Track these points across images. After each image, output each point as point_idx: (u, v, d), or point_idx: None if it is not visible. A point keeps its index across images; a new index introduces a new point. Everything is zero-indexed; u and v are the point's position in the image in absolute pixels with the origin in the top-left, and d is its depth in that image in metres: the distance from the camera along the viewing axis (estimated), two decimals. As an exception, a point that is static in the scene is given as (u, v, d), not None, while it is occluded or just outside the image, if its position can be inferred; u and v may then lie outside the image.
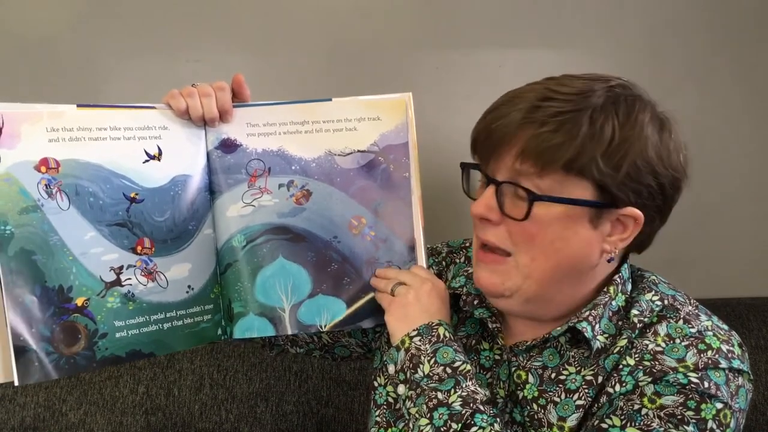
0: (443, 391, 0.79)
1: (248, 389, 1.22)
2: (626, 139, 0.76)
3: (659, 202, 0.80)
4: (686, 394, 0.74)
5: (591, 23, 1.28)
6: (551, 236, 0.78)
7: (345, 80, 1.27)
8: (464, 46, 1.28)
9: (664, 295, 0.83)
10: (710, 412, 0.74)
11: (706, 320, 0.81)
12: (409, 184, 0.92)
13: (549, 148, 0.75)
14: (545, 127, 0.76)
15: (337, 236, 0.91)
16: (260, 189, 0.90)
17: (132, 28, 1.24)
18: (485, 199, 0.80)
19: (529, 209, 0.77)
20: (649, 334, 0.80)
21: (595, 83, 0.79)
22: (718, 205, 1.32)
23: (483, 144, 0.80)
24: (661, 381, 0.75)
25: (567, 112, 0.76)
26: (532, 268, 0.80)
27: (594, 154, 0.75)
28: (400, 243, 0.92)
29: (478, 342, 0.89)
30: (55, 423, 1.19)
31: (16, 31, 1.23)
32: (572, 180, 0.76)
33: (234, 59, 1.26)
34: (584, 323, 0.81)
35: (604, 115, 0.76)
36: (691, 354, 0.76)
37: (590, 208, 0.78)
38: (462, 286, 0.92)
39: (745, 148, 1.33)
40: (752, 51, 1.30)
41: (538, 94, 0.78)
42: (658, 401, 0.75)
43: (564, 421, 0.80)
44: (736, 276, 1.34)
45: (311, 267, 0.91)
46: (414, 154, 0.91)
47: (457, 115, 1.28)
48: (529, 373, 0.84)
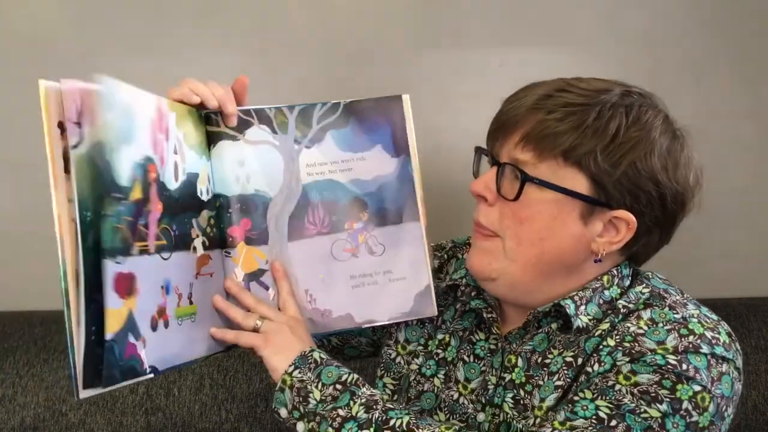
0: (342, 407, 0.77)
1: (248, 389, 1.22)
2: (630, 138, 0.77)
3: (658, 213, 0.80)
4: (662, 374, 0.74)
5: (591, 23, 1.28)
6: (539, 224, 0.79)
7: (345, 80, 1.27)
8: (464, 46, 1.28)
9: (655, 288, 0.83)
10: (686, 393, 0.73)
11: (693, 309, 0.80)
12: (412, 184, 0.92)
13: (550, 135, 0.77)
14: (552, 114, 0.77)
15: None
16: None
17: (132, 28, 1.24)
18: (485, 178, 0.82)
19: (520, 189, 0.78)
20: (632, 318, 0.80)
21: (615, 86, 0.80)
22: (718, 205, 1.32)
23: (495, 125, 0.83)
24: (638, 361, 0.75)
25: (577, 105, 0.77)
26: (518, 253, 0.81)
27: (594, 147, 0.76)
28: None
29: (473, 333, 0.90)
30: (55, 423, 1.19)
31: (16, 31, 1.23)
32: (569, 170, 0.77)
33: (233, 59, 1.26)
34: (568, 300, 0.81)
35: (613, 112, 0.77)
36: (672, 338, 0.76)
37: (582, 203, 0.78)
38: (462, 278, 0.92)
39: (745, 147, 1.33)
40: (752, 51, 1.30)
41: (555, 86, 0.80)
42: (632, 378, 0.74)
43: (543, 401, 0.80)
44: (736, 276, 1.34)
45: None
46: (414, 154, 0.91)
47: (457, 115, 1.28)
48: (519, 356, 0.84)
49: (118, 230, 0.70)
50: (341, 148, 0.90)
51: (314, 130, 0.90)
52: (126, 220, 0.71)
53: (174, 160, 0.80)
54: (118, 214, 0.69)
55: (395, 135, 0.91)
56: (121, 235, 0.70)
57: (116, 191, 0.69)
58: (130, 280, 0.72)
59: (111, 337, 0.69)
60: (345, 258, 0.91)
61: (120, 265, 0.70)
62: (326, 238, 0.90)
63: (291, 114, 0.90)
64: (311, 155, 0.90)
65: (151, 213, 0.75)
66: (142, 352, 0.73)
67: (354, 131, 0.91)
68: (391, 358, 0.95)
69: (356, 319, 0.91)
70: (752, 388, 1.17)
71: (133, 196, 0.72)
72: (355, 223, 0.91)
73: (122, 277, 0.70)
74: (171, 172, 0.79)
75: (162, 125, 0.78)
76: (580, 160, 0.77)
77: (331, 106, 0.91)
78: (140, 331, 0.73)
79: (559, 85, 0.80)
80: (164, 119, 0.78)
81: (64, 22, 1.24)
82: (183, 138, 0.82)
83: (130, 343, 0.72)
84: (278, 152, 0.90)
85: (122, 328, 0.70)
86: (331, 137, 0.90)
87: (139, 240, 0.73)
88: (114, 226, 0.69)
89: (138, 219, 0.73)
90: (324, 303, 0.90)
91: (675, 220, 0.82)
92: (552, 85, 0.80)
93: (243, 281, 0.89)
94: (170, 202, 0.79)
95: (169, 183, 0.79)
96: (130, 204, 0.71)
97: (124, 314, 0.71)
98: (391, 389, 0.93)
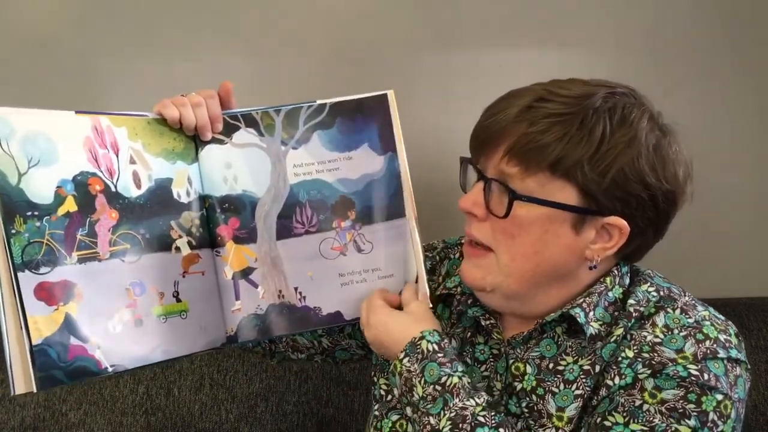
0: (434, 414, 0.78)
1: (248, 389, 1.22)
2: (617, 144, 0.76)
3: (651, 214, 0.79)
4: (686, 387, 0.74)
5: (591, 23, 1.28)
6: (531, 238, 0.79)
7: (344, 81, 1.26)
8: (464, 46, 1.28)
9: (660, 287, 0.83)
10: (711, 404, 0.74)
11: (702, 310, 0.81)
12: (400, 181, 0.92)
13: (535, 149, 0.75)
14: (535, 126, 0.76)
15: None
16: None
17: (131, 28, 1.24)
18: (473, 194, 0.82)
19: (509, 208, 0.78)
20: (647, 326, 0.80)
21: (598, 89, 0.78)
22: (718, 205, 1.32)
23: (477, 139, 0.81)
24: (660, 374, 0.75)
25: (559, 114, 0.76)
26: (512, 268, 0.81)
27: (580, 158, 0.75)
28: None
29: (474, 335, 0.89)
30: (55, 423, 1.19)
31: (16, 31, 1.23)
32: (557, 182, 0.76)
33: (232, 60, 1.26)
34: (577, 309, 0.81)
35: (597, 118, 0.76)
36: (690, 344, 0.76)
37: (573, 213, 0.77)
38: (456, 286, 0.92)
39: (745, 147, 1.32)
40: (753, 51, 1.30)
41: (536, 95, 0.78)
42: (658, 396, 0.75)
43: (563, 411, 0.80)
44: (736, 276, 1.34)
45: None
46: (401, 149, 0.92)
47: (457, 115, 1.28)
48: (527, 363, 0.84)
49: (39, 244, 0.77)
50: (328, 148, 0.91)
51: (301, 131, 0.91)
52: (53, 233, 0.78)
53: (132, 169, 0.86)
54: (36, 230, 0.77)
55: (381, 132, 0.91)
56: (44, 248, 0.77)
57: (31, 210, 0.77)
58: (62, 287, 0.78)
59: (40, 341, 0.76)
60: (333, 256, 0.92)
61: (44, 275, 0.77)
62: (314, 237, 0.91)
63: (278, 116, 0.91)
64: (298, 156, 0.91)
65: (99, 222, 0.82)
66: (96, 352, 0.80)
67: (340, 131, 0.91)
68: (384, 359, 0.94)
69: (346, 316, 0.92)
70: (752, 388, 1.17)
71: (61, 211, 0.79)
72: (342, 222, 0.92)
73: (49, 285, 0.77)
74: (129, 181, 0.85)
75: (104, 141, 0.84)
76: (568, 171, 0.76)
77: (318, 107, 0.91)
78: (87, 333, 0.79)
79: (540, 93, 0.78)
80: (106, 135, 0.84)
81: (64, 22, 1.24)
82: (143, 148, 0.87)
83: (74, 345, 0.78)
84: (265, 154, 0.91)
85: (57, 332, 0.77)
86: (318, 138, 0.91)
87: (78, 249, 0.80)
88: (32, 241, 0.77)
89: (75, 230, 0.80)
90: (314, 300, 0.92)
91: (668, 218, 0.82)
92: (532, 94, 0.78)
93: (233, 279, 0.90)
94: (131, 208, 0.85)
95: (127, 191, 0.85)
96: (57, 219, 0.79)
97: (58, 319, 0.77)
98: (385, 389, 0.93)
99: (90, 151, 0.82)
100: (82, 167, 0.81)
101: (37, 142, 0.79)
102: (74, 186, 0.80)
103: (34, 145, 0.78)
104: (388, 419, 0.90)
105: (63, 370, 0.77)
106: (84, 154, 0.82)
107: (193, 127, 0.88)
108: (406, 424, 0.88)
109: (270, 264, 0.91)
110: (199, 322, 0.89)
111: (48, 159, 0.79)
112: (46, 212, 0.78)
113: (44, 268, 0.77)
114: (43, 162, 0.79)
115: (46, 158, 0.79)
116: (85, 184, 0.81)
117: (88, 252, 0.81)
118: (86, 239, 0.81)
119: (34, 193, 0.78)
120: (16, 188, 0.76)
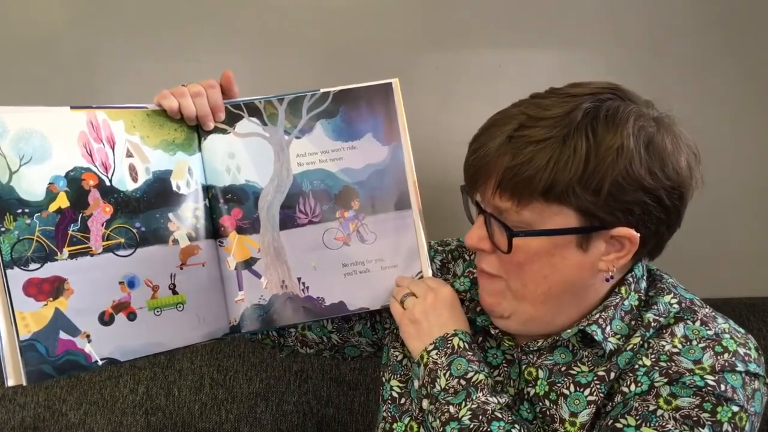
0: (455, 404, 0.79)
1: (248, 389, 1.22)
2: (605, 156, 0.73)
3: (659, 214, 0.76)
4: (702, 396, 0.73)
5: (591, 23, 1.28)
6: (539, 265, 0.78)
7: (344, 80, 1.25)
8: (464, 46, 1.28)
9: (683, 298, 0.82)
10: (726, 414, 0.73)
11: (723, 323, 0.80)
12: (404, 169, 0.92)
13: (522, 181, 0.74)
14: (518, 158, 0.74)
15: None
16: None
17: (131, 28, 1.24)
18: (476, 229, 0.81)
19: (509, 243, 0.77)
20: (665, 335, 0.79)
21: (579, 99, 0.75)
22: (719, 205, 1.32)
23: (467, 174, 0.81)
24: (677, 382, 0.75)
25: (542, 140, 0.74)
26: (525, 293, 0.80)
27: (570, 180, 0.73)
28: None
29: (484, 340, 0.89)
30: (55, 423, 1.19)
31: (16, 31, 1.24)
32: (553, 208, 0.75)
33: (233, 59, 1.26)
34: (594, 326, 0.79)
35: (579, 134, 0.73)
36: (708, 356, 0.75)
37: (575, 235, 0.76)
38: (466, 291, 0.91)
39: (745, 147, 1.33)
40: (753, 51, 1.30)
41: (516, 122, 0.76)
42: (673, 402, 0.74)
43: (575, 416, 0.79)
44: (736, 276, 1.34)
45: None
46: (405, 137, 0.91)
47: (457, 115, 1.28)
48: (539, 369, 0.83)
49: (28, 241, 0.79)
50: (331, 138, 0.91)
51: (304, 120, 0.91)
52: (43, 230, 0.80)
53: (129, 162, 0.86)
54: (26, 227, 0.78)
55: (385, 123, 0.91)
56: (34, 245, 0.79)
57: (22, 207, 0.78)
58: (52, 282, 0.80)
59: (28, 336, 0.78)
60: (336, 246, 0.92)
61: (34, 271, 0.78)
62: (317, 227, 0.91)
63: (281, 105, 0.91)
64: (301, 145, 0.91)
65: (92, 217, 0.83)
66: (86, 346, 0.81)
67: (344, 120, 0.91)
68: (398, 360, 0.94)
69: (349, 306, 0.92)
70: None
71: (52, 207, 0.80)
72: (346, 212, 0.91)
73: (38, 281, 0.79)
74: (125, 175, 0.85)
75: (99, 135, 0.84)
76: (560, 196, 0.74)
77: (321, 96, 0.91)
78: (78, 327, 0.81)
79: (520, 120, 0.76)
80: (102, 130, 0.84)
81: (64, 22, 1.24)
82: (141, 140, 0.87)
83: (62, 339, 0.80)
84: (268, 143, 0.91)
85: (46, 328, 0.79)
86: (321, 127, 0.91)
87: (70, 245, 0.81)
88: (22, 239, 0.78)
89: (67, 226, 0.81)
90: (317, 291, 0.92)
91: (679, 212, 0.79)
92: (512, 122, 0.76)
93: (236, 269, 0.90)
94: (127, 202, 0.85)
95: (123, 185, 0.85)
96: (48, 216, 0.80)
97: (47, 315, 0.79)
98: (398, 392, 0.92)
99: (84, 146, 0.83)
100: (76, 163, 0.82)
101: (30, 140, 0.79)
102: (67, 182, 0.81)
103: (26, 143, 0.79)
104: (401, 422, 0.89)
105: (52, 364, 0.79)
106: (78, 149, 0.82)
107: (194, 116, 0.88)
108: (417, 426, 0.88)
109: (273, 254, 0.91)
110: (197, 313, 0.89)
111: (40, 156, 0.80)
112: (37, 209, 0.79)
113: (34, 264, 0.79)
114: (36, 159, 0.79)
115: (39, 155, 0.80)
116: (79, 179, 0.82)
117: (80, 247, 0.82)
118: (78, 234, 0.82)
119: (25, 190, 0.79)
120: (6, 186, 0.78)
